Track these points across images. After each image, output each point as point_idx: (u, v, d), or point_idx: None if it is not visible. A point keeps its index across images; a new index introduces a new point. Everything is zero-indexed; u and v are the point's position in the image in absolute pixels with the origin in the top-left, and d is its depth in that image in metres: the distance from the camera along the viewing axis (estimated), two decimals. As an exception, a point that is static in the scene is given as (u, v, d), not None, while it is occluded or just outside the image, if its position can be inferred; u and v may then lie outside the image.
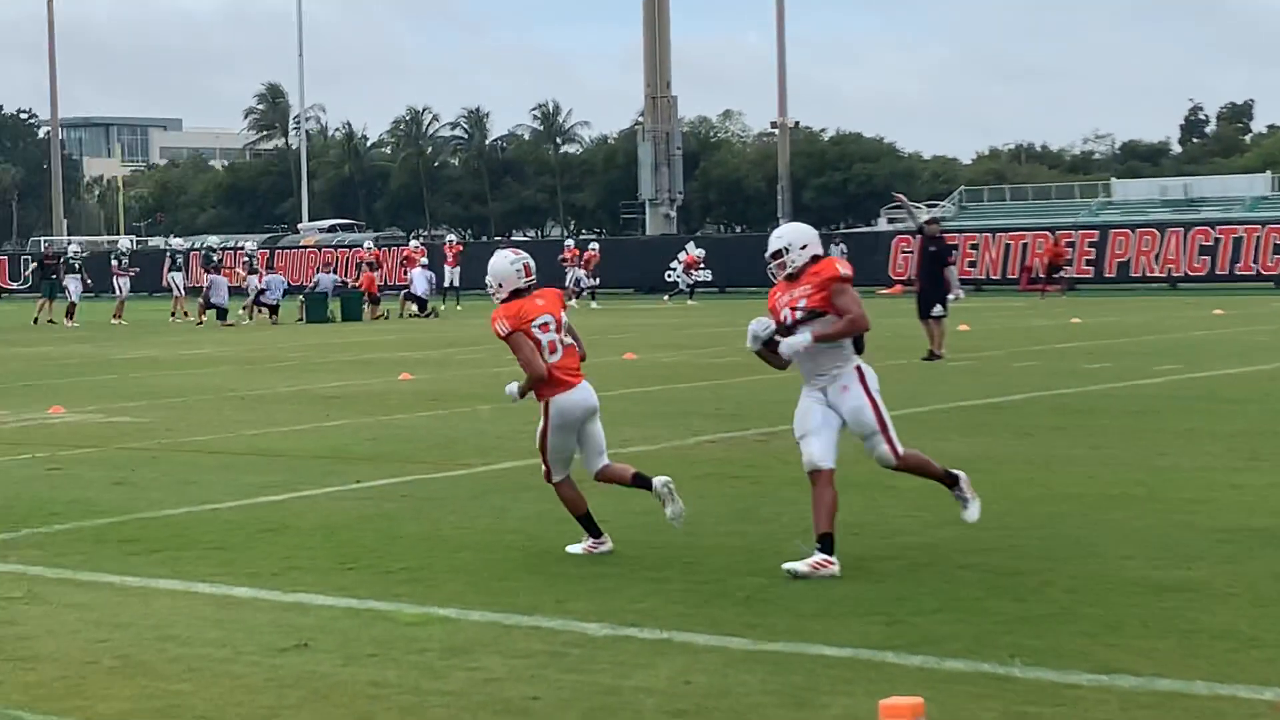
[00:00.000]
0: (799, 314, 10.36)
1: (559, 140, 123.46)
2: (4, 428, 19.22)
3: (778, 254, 10.57)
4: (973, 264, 55.14)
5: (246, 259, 50.11)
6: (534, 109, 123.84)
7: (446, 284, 51.42)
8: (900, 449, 10.30)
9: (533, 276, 10.83)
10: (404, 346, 32.62)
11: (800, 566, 9.74)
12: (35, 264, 55.77)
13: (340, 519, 12.33)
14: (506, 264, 10.82)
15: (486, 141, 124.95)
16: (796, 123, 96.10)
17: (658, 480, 10.87)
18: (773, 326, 10.53)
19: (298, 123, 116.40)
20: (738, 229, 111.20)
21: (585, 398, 10.85)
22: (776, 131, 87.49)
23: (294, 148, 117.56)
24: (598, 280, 51.22)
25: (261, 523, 12.25)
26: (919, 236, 28.18)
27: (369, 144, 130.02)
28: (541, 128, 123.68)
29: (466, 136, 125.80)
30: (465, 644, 8.38)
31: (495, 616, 9.00)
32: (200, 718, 7.26)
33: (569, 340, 10.91)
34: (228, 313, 44.08)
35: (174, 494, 13.73)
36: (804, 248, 10.47)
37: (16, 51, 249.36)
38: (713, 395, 21.13)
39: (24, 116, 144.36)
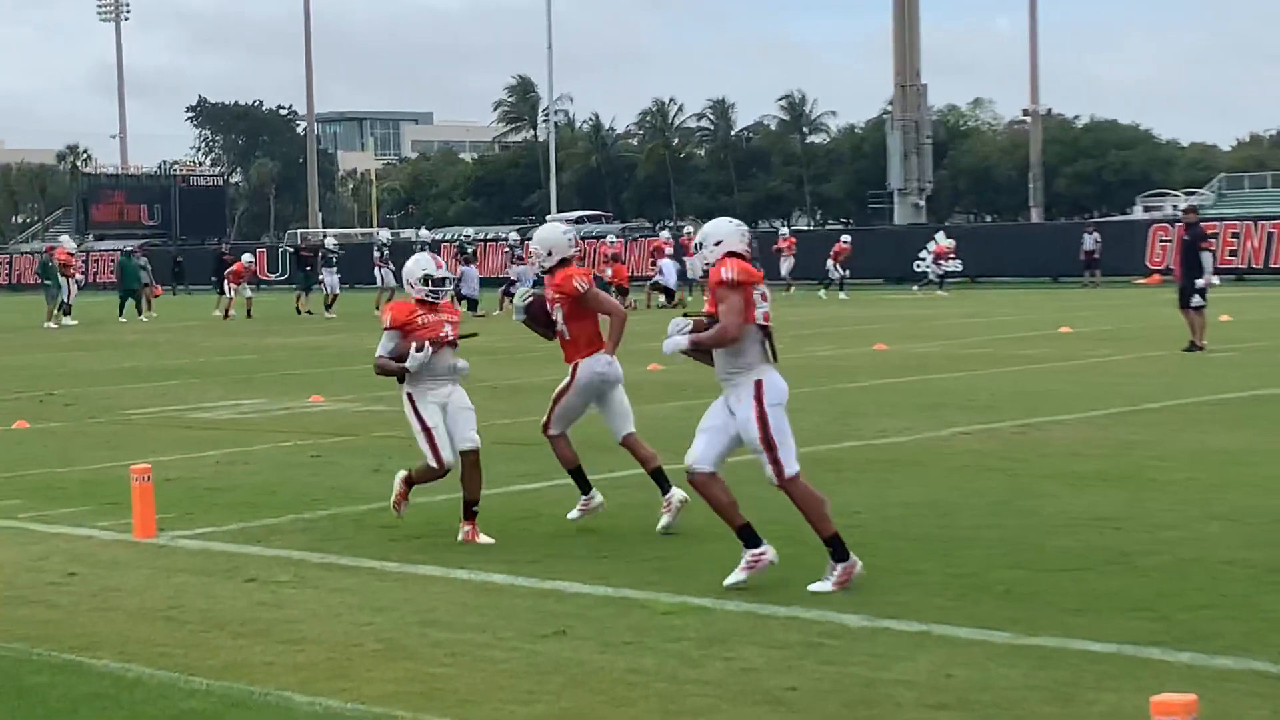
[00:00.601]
0: (704, 317, 9.54)
1: (805, 130, 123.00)
2: (267, 416, 19.70)
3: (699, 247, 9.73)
4: (1233, 253, 53.69)
5: (508, 250, 50.70)
6: (780, 99, 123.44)
7: (691, 274, 51.52)
8: (787, 471, 9.33)
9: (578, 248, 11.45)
10: (652, 337, 32.75)
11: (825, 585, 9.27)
12: (292, 256, 57.11)
13: (594, 507, 12.38)
14: (559, 234, 11.65)
15: (732, 132, 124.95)
16: (1049, 110, 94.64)
17: (677, 493, 11.08)
18: (689, 325, 9.70)
19: (546, 115, 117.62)
20: (988, 218, 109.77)
21: (612, 368, 11.66)
22: (1028, 119, 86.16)
23: (542, 140, 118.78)
24: (847, 271, 50.93)
25: (517, 511, 12.39)
26: (1178, 225, 27.54)
27: (615, 135, 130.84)
28: (788, 118, 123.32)
29: (712, 127, 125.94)
30: (721, 633, 8.37)
31: (750, 606, 8.98)
32: (462, 701, 7.35)
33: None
34: (478, 304, 44.66)
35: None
36: (717, 244, 9.57)
37: (276, 50, 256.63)
38: (966, 386, 20.86)
39: (283, 112, 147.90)
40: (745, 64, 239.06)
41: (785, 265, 52.52)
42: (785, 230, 64.12)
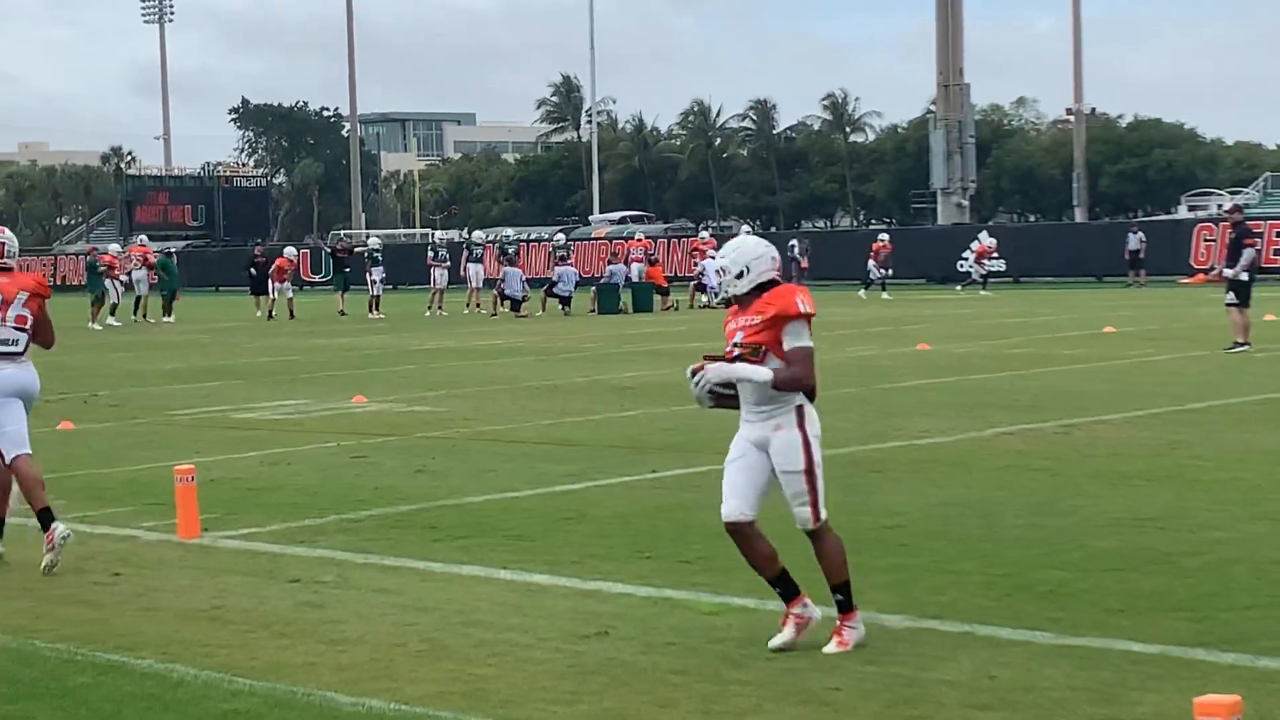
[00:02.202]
0: (734, 349, 8.34)
1: (848, 130, 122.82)
2: (311, 416, 19.77)
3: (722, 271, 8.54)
4: (1278, 252, 53.41)
5: (553, 249, 50.81)
6: (824, 99, 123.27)
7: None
8: (823, 513, 8.27)
9: None
10: (696, 337, 32.74)
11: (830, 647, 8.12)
12: (329, 257, 57.28)
13: (636, 508, 12.42)
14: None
15: (775, 132, 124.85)
16: (1093, 109, 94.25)
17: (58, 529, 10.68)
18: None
19: (589, 115, 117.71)
20: (1031, 218, 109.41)
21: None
22: (1071, 118, 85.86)
23: (585, 140, 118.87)
24: (889, 271, 50.81)
25: (559, 511, 12.41)
26: (1222, 225, 27.41)
27: (658, 135, 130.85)
28: (830, 117, 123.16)
29: (754, 127, 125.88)
30: (764, 634, 8.36)
31: (793, 607, 8.95)
32: (505, 702, 7.36)
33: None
34: (522, 304, 44.73)
35: (473, 482, 13.98)
36: (742, 274, 8.38)
37: (312, 51, 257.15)
38: (1009, 386, 20.80)
39: (326, 113, 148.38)
40: (782, 63, 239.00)
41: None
42: (745, 229, 64.41)
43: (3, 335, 11.05)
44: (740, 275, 8.37)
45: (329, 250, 60.45)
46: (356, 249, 53.76)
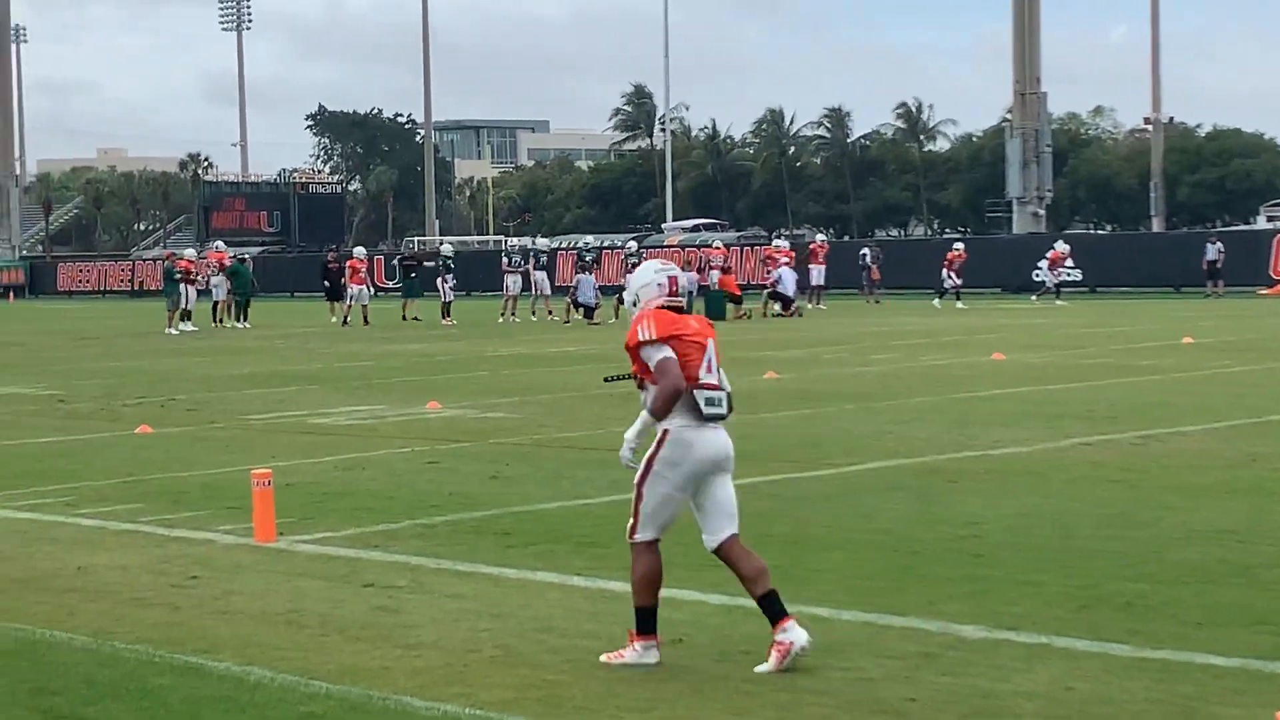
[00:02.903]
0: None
1: (922, 138, 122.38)
2: (385, 422, 19.84)
3: None
4: (1358, 263, 52.84)
5: (625, 258, 50.84)
6: (897, 107, 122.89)
7: (813, 283, 51.40)
8: (636, 532, 8.22)
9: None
10: (768, 346, 32.70)
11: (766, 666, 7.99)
12: (397, 265, 57.49)
13: (710, 516, 12.37)
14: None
15: (849, 140, 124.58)
16: (1171, 118, 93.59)
17: None
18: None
19: (662, 123, 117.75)
20: (1108, 228, 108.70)
21: None
22: (1149, 127, 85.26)
23: (658, 148, 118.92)
24: (962, 280, 50.56)
25: (633, 518, 12.37)
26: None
27: (731, 144, 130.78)
28: (904, 125, 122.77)
29: (828, 135, 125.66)
30: (838, 643, 8.34)
31: (868, 617, 8.94)
32: (580, 709, 7.36)
33: None
34: (594, 311, 44.77)
35: (546, 488, 13.99)
36: (635, 302, 8.47)
37: (384, 59, 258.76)
38: (1085, 397, 20.65)
39: (400, 120, 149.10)
40: (855, 72, 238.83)
41: (816, 273, 51.93)
42: (821, 237, 64.18)
43: None
44: (635, 304, 8.48)
45: (396, 259, 60.74)
46: (425, 261, 53.88)
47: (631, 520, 8.28)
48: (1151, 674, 7.62)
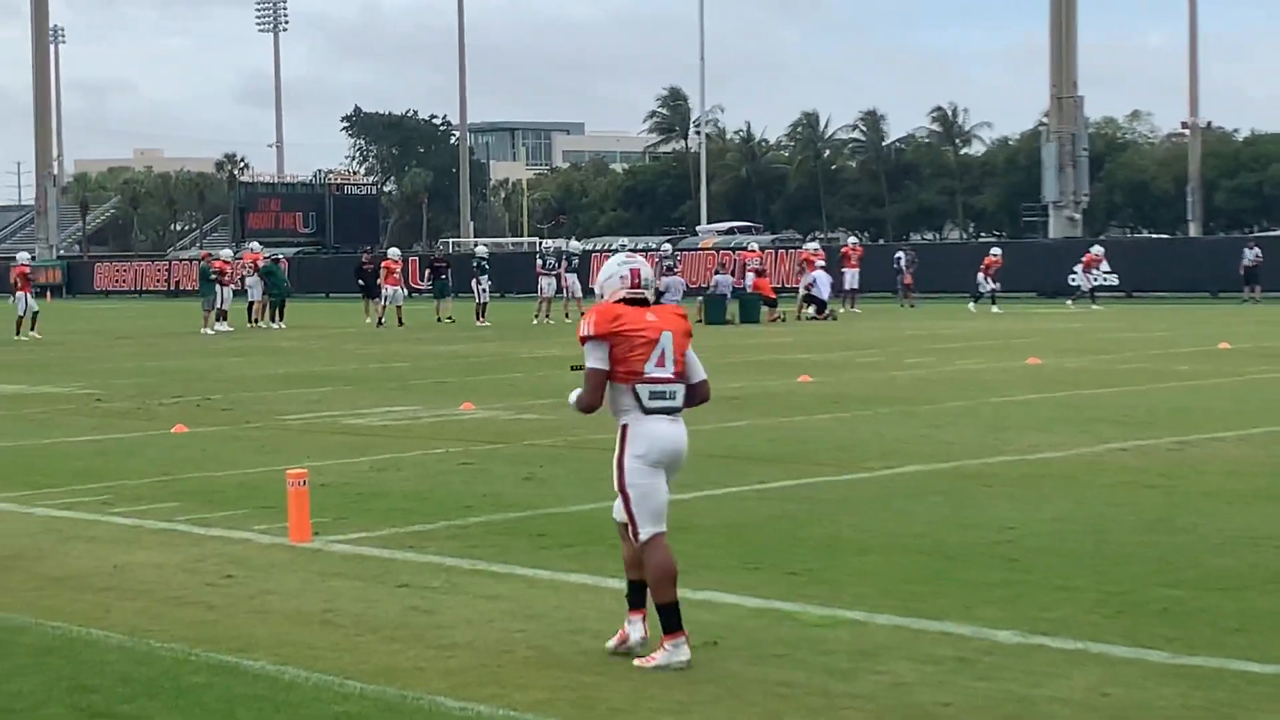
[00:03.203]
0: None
1: (958, 142, 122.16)
2: (420, 423, 19.88)
3: None
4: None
5: (659, 260, 50.86)
6: (932, 111, 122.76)
7: (847, 287, 51.32)
8: (639, 532, 8.37)
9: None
10: (802, 349, 32.67)
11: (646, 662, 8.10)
12: (427, 267, 57.51)
13: (744, 519, 12.39)
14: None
15: (884, 143, 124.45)
16: (1208, 123, 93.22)
17: None
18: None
19: (697, 126, 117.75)
20: (1144, 232, 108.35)
21: None
22: (1186, 132, 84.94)
23: (693, 150, 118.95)
24: (998, 284, 50.44)
25: (669, 521, 12.34)
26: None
27: (766, 146, 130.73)
28: (940, 129, 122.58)
29: (863, 139, 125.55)
30: (873, 647, 8.32)
31: (902, 621, 8.91)
32: (614, 710, 7.36)
33: None
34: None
35: (580, 490, 13.99)
36: (602, 295, 8.64)
37: (418, 61, 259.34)
38: (1121, 402, 20.58)
39: (435, 122, 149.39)
40: (890, 75, 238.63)
41: (850, 277, 51.79)
42: (852, 240, 64.07)
43: None
44: (601, 297, 8.59)
45: (426, 261, 60.85)
46: (446, 265, 53.55)
47: (630, 524, 8.34)
48: (1188, 680, 7.59)
